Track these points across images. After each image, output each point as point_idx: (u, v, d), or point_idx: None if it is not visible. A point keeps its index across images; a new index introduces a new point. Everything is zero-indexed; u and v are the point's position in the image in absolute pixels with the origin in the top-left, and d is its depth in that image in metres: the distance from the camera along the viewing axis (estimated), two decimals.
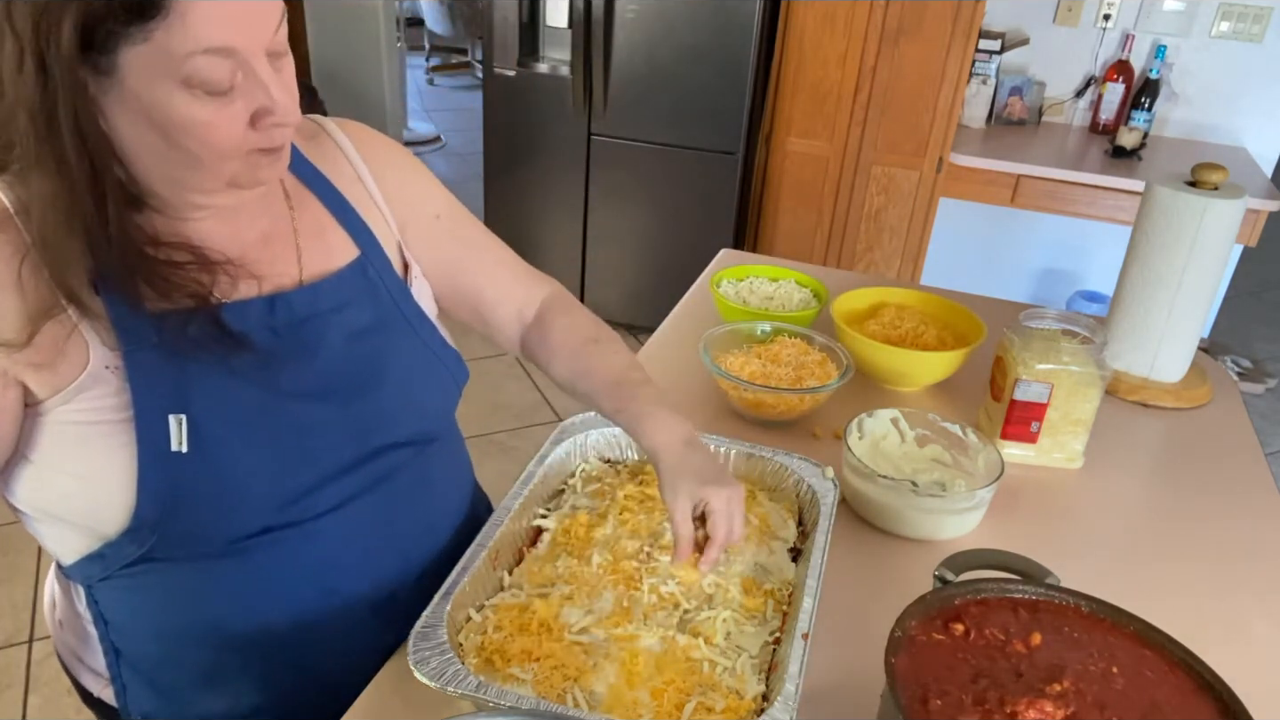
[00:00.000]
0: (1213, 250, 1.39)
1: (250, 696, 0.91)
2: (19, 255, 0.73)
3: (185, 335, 0.77)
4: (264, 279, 0.84)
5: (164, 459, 0.77)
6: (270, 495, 0.82)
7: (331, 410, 0.86)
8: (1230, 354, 3.82)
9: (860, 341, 1.41)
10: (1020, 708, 0.70)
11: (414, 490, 0.95)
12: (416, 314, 0.95)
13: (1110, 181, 2.97)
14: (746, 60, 3.05)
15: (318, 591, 0.89)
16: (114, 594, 0.86)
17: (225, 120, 0.72)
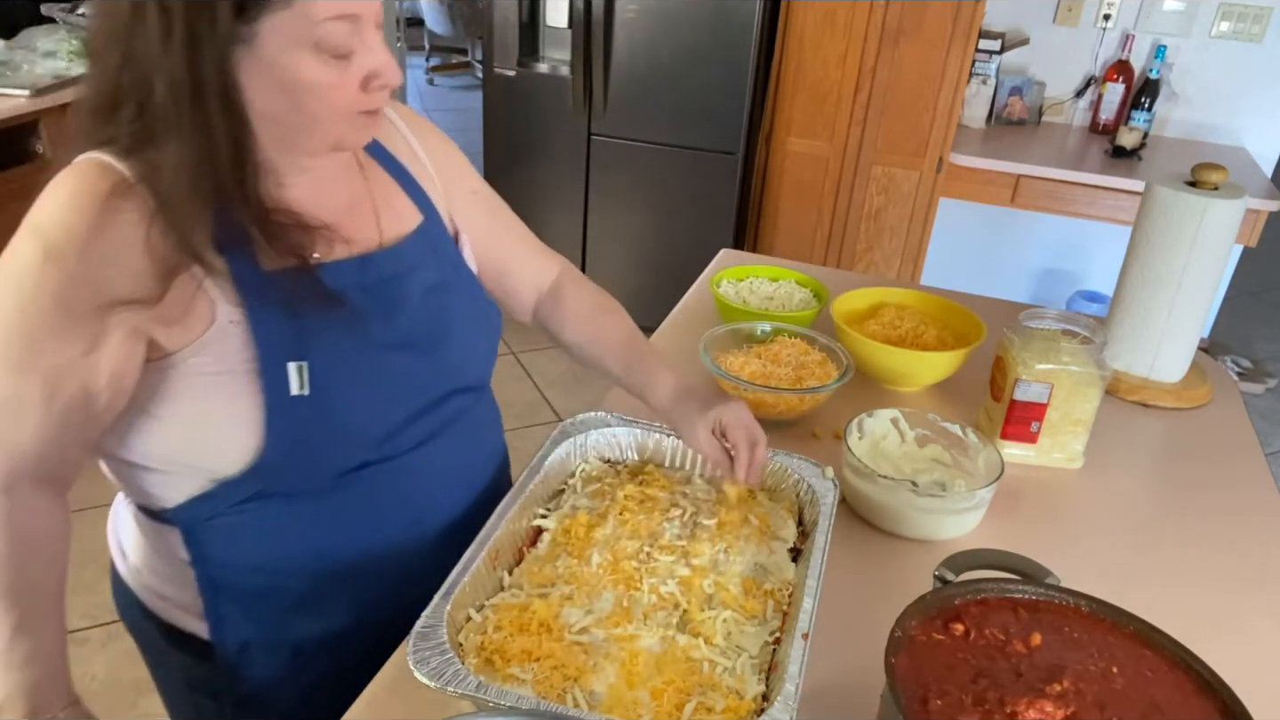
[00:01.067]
0: (1213, 250, 1.39)
1: (342, 618, 0.99)
2: (146, 220, 0.78)
3: (294, 292, 0.85)
4: (353, 241, 0.92)
5: (286, 403, 0.85)
6: (369, 434, 0.92)
7: (413, 359, 0.95)
8: (1230, 354, 3.82)
9: (860, 341, 1.41)
10: (1020, 708, 0.70)
11: (474, 430, 1.06)
12: (468, 273, 1.05)
13: (1110, 181, 2.97)
14: (746, 60, 3.05)
15: (405, 519, 0.98)
16: (216, 532, 0.92)
17: (344, 82, 0.80)
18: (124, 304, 0.79)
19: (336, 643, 0.99)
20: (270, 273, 0.84)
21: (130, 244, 0.78)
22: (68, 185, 0.80)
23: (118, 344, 0.81)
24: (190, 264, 0.80)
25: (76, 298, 0.79)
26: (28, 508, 0.86)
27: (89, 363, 0.80)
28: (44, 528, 0.88)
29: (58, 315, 0.79)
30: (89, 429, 0.85)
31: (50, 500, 0.88)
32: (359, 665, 0.94)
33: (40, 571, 0.88)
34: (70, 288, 0.79)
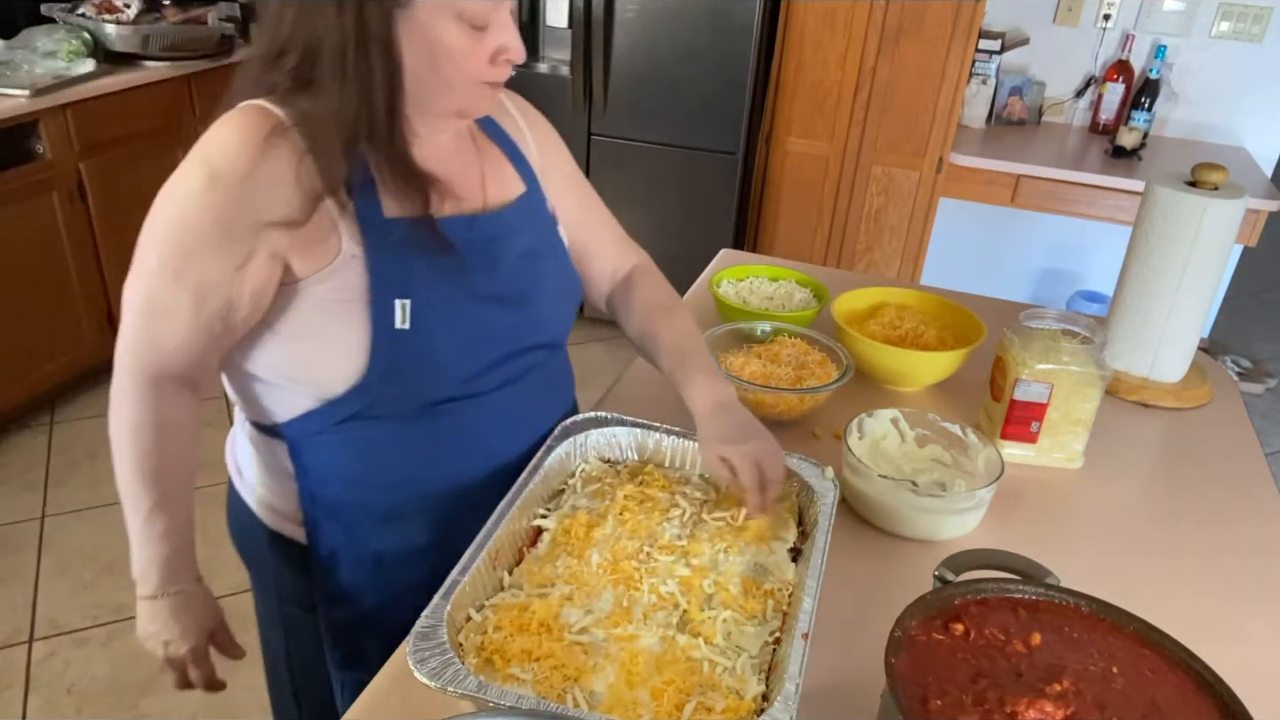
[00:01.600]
0: (1213, 250, 1.39)
1: (419, 536, 1.09)
2: (297, 157, 0.91)
3: (412, 237, 0.96)
4: (463, 201, 1.03)
5: (389, 334, 0.96)
6: (458, 371, 1.02)
7: (504, 311, 1.05)
8: (1230, 354, 3.82)
9: (860, 341, 1.41)
10: (1020, 708, 0.70)
11: (548, 381, 1.15)
12: (560, 243, 1.16)
13: (1110, 181, 2.97)
14: (746, 60, 3.05)
15: (478, 453, 1.08)
16: (318, 448, 1.04)
17: (477, 52, 0.92)
18: (275, 225, 0.91)
19: (412, 557, 1.09)
20: (390, 218, 0.96)
21: (284, 175, 0.91)
22: (234, 123, 0.92)
23: (261, 264, 0.93)
24: (328, 198, 0.92)
25: (234, 220, 0.91)
26: (169, 402, 1.00)
27: (236, 279, 0.92)
28: (182, 420, 1.02)
29: (216, 235, 0.91)
30: (225, 339, 0.97)
31: (187, 399, 1.02)
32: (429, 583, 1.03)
33: (177, 458, 1.02)
34: (229, 210, 0.91)
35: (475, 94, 0.96)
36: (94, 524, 2.60)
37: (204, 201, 0.91)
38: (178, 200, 0.92)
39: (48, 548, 2.51)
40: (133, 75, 3.01)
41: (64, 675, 2.13)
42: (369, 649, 1.10)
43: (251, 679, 2.24)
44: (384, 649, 1.04)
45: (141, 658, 2.17)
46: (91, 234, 2.98)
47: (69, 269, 2.94)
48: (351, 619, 1.12)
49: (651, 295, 1.24)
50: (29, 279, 2.81)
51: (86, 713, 2.04)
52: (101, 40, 3.03)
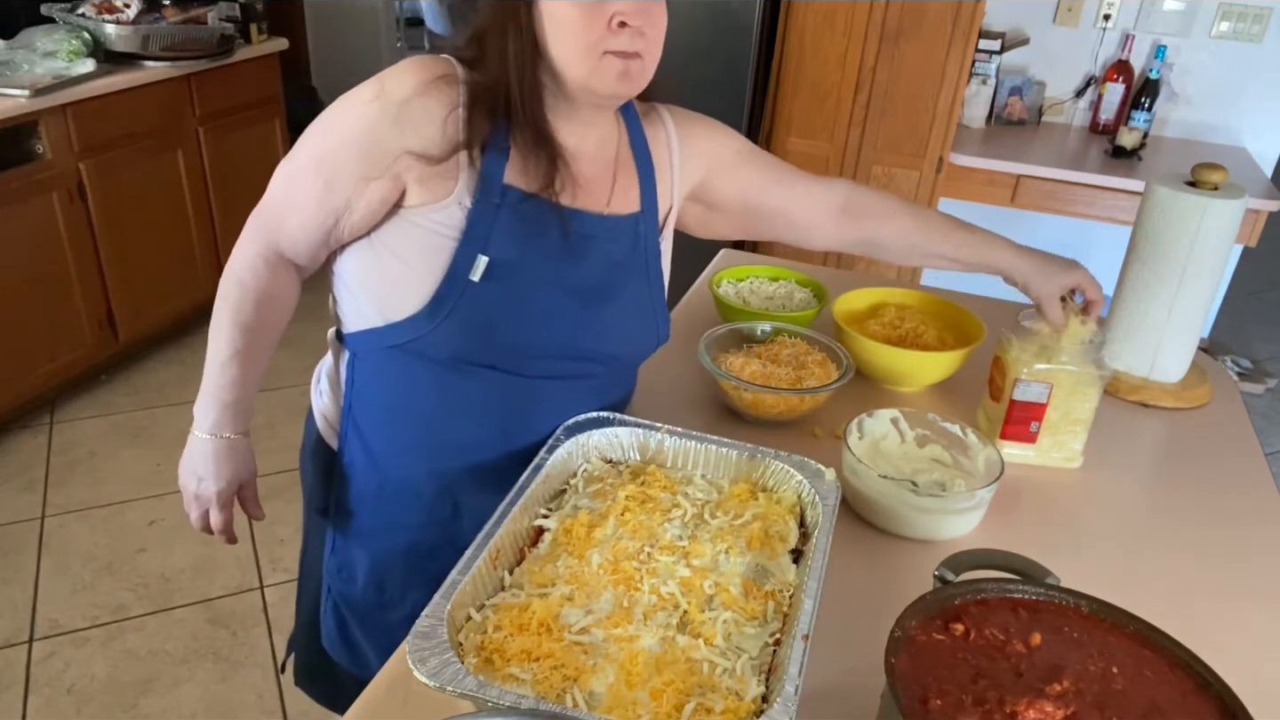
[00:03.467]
0: (1213, 250, 1.39)
1: (423, 482, 1.18)
2: (450, 107, 1.03)
3: (519, 207, 1.05)
4: (579, 197, 1.10)
5: (460, 280, 1.04)
6: (507, 341, 1.08)
7: (569, 305, 1.10)
8: (1230, 354, 3.82)
9: (860, 341, 1.41)
10: (1020, 708, 0.70)
11: (588, 394, 1.18)
12: (656, 270, 1.20)
13: (1110, 181, 2.97)
14: (746, 60, 3.05)
15: (497, 428, 1.14)
16: (370, 366, 1.14)
17: (594, 20, 0.97)
18: (411, 154, 1.02)
19: (411, 496, 1.18)
20: (507, 184, 1.05)
21: (435, 115, 1.02)
22: (417, 59, 1.05)
23: (386, 183, 1.03)
24: (463, 151, 1.03)
25: (381, 136, 1.02)
26: (274, 275, 1.13)
27: (361, 186, 1.03)
28: (280, 295, 1.15)
29: (362, 143, 1.03)
30: (334, 236, 1.08)
31: (291, 278, 1.15)
32: (420, 524, 1.19)
33: (265, 323, 1.15)
34: (380, 127, 1.02)
35: (600, 67, 1.00)
36: (94, 524, 2.60)
37: (363, 112, 1.03)
38: (344, 105, 1.05)
39: (48, 548, 2.51)
40: (133, 75, 3.01)
41: (64, 675, 2.13)
42: (356, 564, 1.24)
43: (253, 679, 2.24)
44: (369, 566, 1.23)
45: (141, 658, 2.18)
46: (91, 234, 2.99)
47: (69, 269, 2.94)
48: (350, 531, 1.23)
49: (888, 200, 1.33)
50: (29, 279, 2.81)
51: (86, 713, 2.04)
52: (101, 40, 3.03)
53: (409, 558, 1.22)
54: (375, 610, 1.26)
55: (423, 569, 1.20)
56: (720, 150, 1.26)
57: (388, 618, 1.25)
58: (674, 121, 1.23)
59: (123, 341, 3.22)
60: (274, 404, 2.88)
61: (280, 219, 1.10)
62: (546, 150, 1.05)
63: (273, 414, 2.88)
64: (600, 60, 0.99)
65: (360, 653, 1.29)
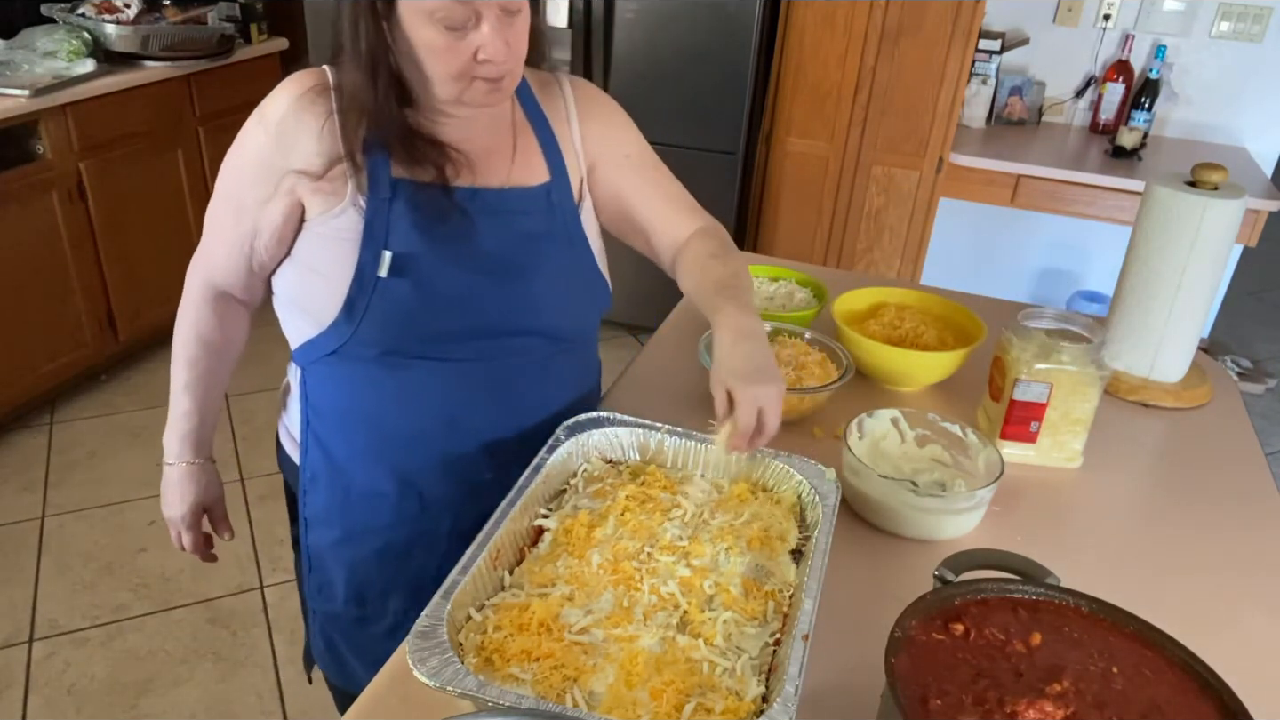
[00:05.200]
0: (1213, 250, 1.39)
1: (383, 481, 1.18)
2: (325, 117, 1.05)
3: (412, 198, 1.07)
4: (478, 176, 1.11)
5: (369, 279, 1.06)
6: (430, 331, 1.10)
7: (487, 283, 1.11)
8: (1230, 354, 3.82)
9: (860, 341, 1.41)
10: (1020, 708, 0.70)
11: (536, 371, 1.18)
12: (579, 238, 1.19)
13: (1110, 181, 2.97)
14: (746, 60, 3.05)
15: (442, 416, 1.15)
16: (316, 377, 1.16)
17: (454, 50, 0.99)
18: (296, 173, 1.05)
19: (376, 499, 1.19)
20: (398, 179, 1.07)
21: (311, 129, 1.05)
22: (294, 76, 1.08)
23: (281, 202, 1.07)
24: (346, 158, 1.05)
25: (268, 159, 1.07)
26: (216, 308, 1.19)
27: (261, 209, 1.08)
28: (228, 327, 1.21)
29: (255, 166, 1.08)
30: (256, 261, 1.13)
31: (235, 310, 1.21)
32: (391, 525, 1.20)
33: (212, 355, 1.21)
34: (265, 149, 1.07)
35: (466, 88, 1.02)
36: (94, 524, 2.60)
37: (250, 139, 1.08)
38: (240, 135, 1.10)
39: (48, 548, 2.51)
40: (133, 75, 3.01)
41: (64, 675, 2.13)
42: (336, 582, 1.24)
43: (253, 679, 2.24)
44: (347, 579, 1.24)
45: (141, 658, 2.18)
46: (91, 234, 2.98)
47: (69, 269, 2.94)
48: (324, 545, 1.24)
49: (704, 248, 1.22)
50: (29, 279, 2.81)
51: (86, 713, 2.04)
52: (101, 40, 3.03)
53: (384, 562, 1.22)
54: (358, 626, 1.26)
55: (400, 572, 1.22)
56: (613, 148, 1.23)
57: (371, 631, 1.26)
58: (575, 96, 1.21)
59: (123, 341, 3.22)
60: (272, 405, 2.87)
61: (210, 254, 1.16)
62: (426, 142, 1.07)
63: (271, 415, 2.88)
64: (470, 84, 1.02)
65: (350, 669, 1.30)
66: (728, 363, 1.02)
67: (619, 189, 1.23)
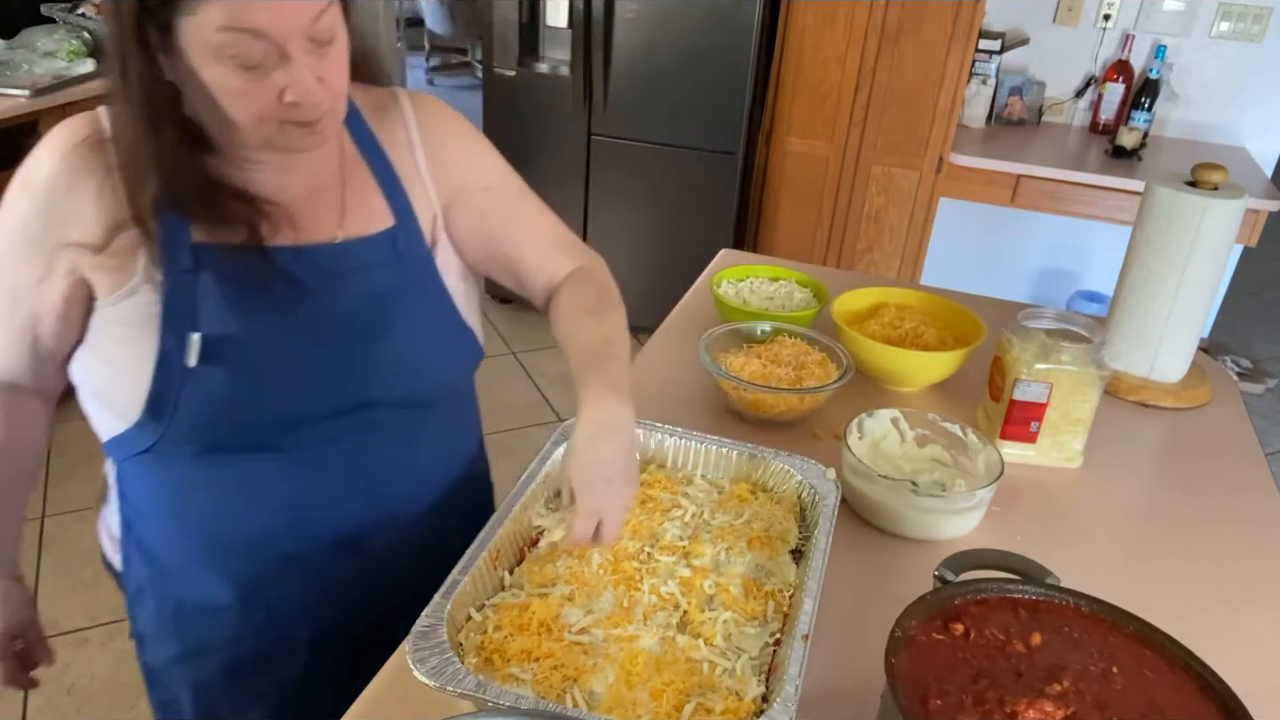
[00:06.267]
0: (1213, 250, 1.39)
1: (220, 592, 1.01)
2: (103, 174, 0.86)
3: (221, 266, 0.88)
4: (301, 230, 0.93)
5: (176, 369, 0.88)
6: (261, 420, 0.93)
7: (331, 356, 0.94)
8: (1230, 354, 3.82)
9: (860, 341, 1.41)
10: (1020, 708, 0.70)
11: (396, 447, 1.02)
12: (436, 287, 1.02)
13: (1110, 181, 2.97)
14: (746, 60, 3.05)
15: (285, 514, 0.98)
16: (132, 475, 0.99)
17: (254, 91, 0.81)
18: (72, 245, 0.87)
19: (215, 612, 1.02)
20: (201, 244, 0.88)
21: (85, 192, 0.86)
22: (60, 126, 0.89)
23: (62, 278, 0.88)
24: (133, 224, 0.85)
25: (38, 229, 0.88)
26: (8, 403, 0.99)
27: (40, 289, 0.89)
28: (17, 426, 1.01)
29: (22, 241, 0.89)
30: (41, 347, 0.94)
31: (33, 409, 1.02)
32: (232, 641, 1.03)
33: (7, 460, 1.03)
34: (34, 219, 0.88)
35: (276, 132, 0.84)
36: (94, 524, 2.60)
37: (14, 209, 0.89)
38: (4, 204, 0.90)
39: (48, 548, 2.51)
40: None
41: (64, 675, 2.12)
42: (181, 700, 1.07)
43: None
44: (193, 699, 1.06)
45: None
46: None
47: None
48: (160, 663, 1.07)
49: (577, 298, 1.07)
50: None
51: (86, 713, 2.04)
52: (102, 40, 3.03)
53: (234, 679, 1.06)
54: None
55: (253, 686, 1.07)
56: (470, 179, 1.05)
57: None
58: (418, 119, 1.03)
59: None
60: None
61: None
62: (232, 197, 0.89)
63: None
64: (279, 127, 0.84)
65: None
66: (580, 461, 0.92)
67: (481, 226, 1.06)
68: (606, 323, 1.05)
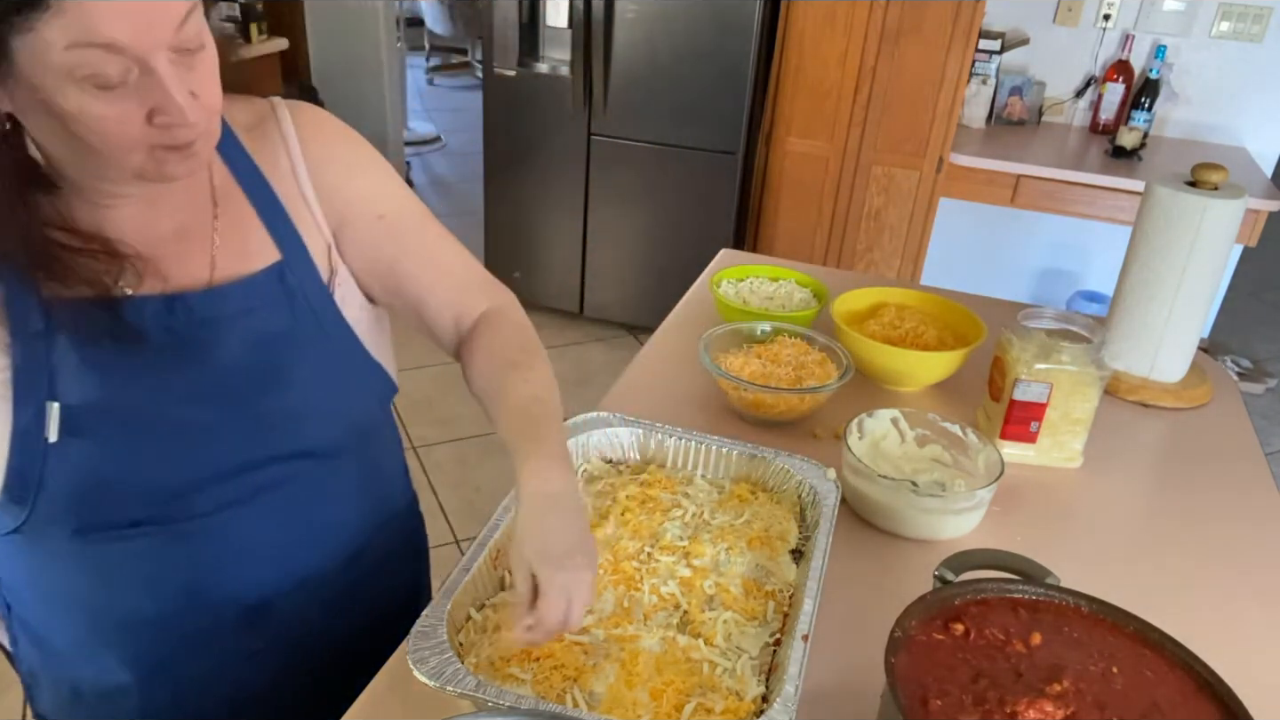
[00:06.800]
0: (1213, 250, 1.39)
1: (118, 672, 0.92)
2: None
3: (77, 325, 0.77)
4: (170, 276, 0.82)
5: (34, 444, 0.78)
6: (142, 492, 0.82)
7: (220, 414, 0.84)
8: (1230, 354, 3.82)
9: (860, 341, 1.41)
10: (1020, 708, 0.70)
11: (304, 503, 0.92)
12: (336, 324, 0.91)
13: (1110, 181, 2.97)
14: (746, 60, 3.05)
15: (180, 589, 0.88)
16: (5, 554, 0.89)
17: (117, 115, 0.69)
18: None
19: (113, 694, 0.93)
20: (51, 300, 0.76)
21: None
22: None
23: None
24: None
25: None
26: None
27: None
28: None
29: None
30: None
31: None
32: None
33: None
34: None
35: (147, 159, 0.73)
36: None
37: None
38: None
39: None
40: None
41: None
42: None
43: None
44: None
45: None
46: None
47: None
48: None
49: (496, 350, 0.96)
50: None
51: None
52: None
53: None
54: None
55: None
56: (362, 206, 0.93)
57: None
58: (299, 134, 0.91)
59: None
60: None
61: None
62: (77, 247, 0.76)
63: None
64: (148, 153, 0.73)
65: None
66: (533, 541, 0.80)
67: (376, 258, 0.94)
68: (534, 378, 0.93)
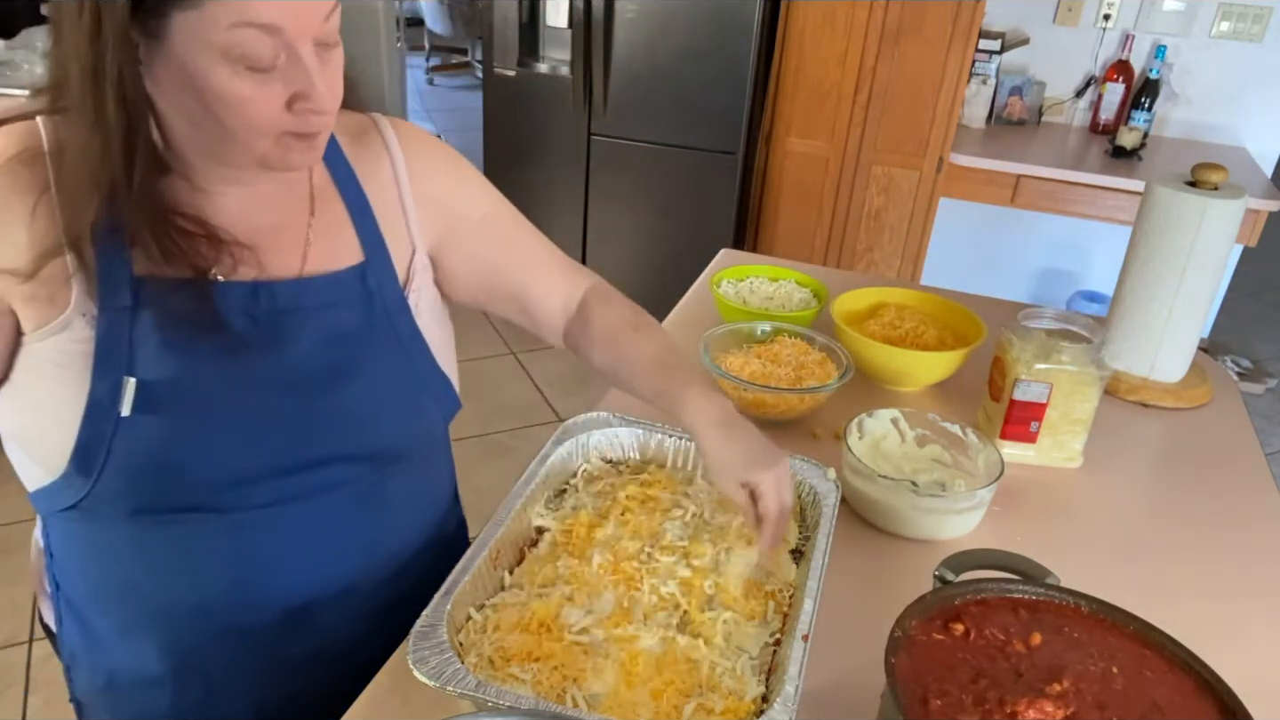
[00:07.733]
0: (1213, 250, 1.39)
1: (154, 662, 0.92)
2: (37, 193, 0.76)
3: (164, 304, 0.79)
4: (264, 265, 0.85)
5: (106, 417, 0.79)
6: (202, 477, 0.83)
7: (287, 405, 0.85)
8: (1230, 354, 3.82)
9: (860, 341, 1.41)
10: (1020, 708, 0.70)
11: (358, 508, 0.93)
12: (409, 330, 0.94)
13: (1110, 181, 2.97)
14: (746, 60, 3.05)
15: (226, 581, 0.89)
16: (60, 531, 0.91)
17: (261, 97, 0.73)
18: None
19: (148, 685, 0.94)
20: (141, 277, 0.78)
21: (17, 213, 0.76)
22: None
23: None
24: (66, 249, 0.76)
25: None
26: None
27: None
28: None
29: None
30: None
31: None
32: (168, 718, 0.94)
33: None
34: None
35: (275, 145, 0.77)
36: None
37: None
38: None
39: None
40: None
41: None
42: None
43: None
44: None
45: None
46: None
47: None
48: None
49: (613, 319, 1.04)
50: None
51: None
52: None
53: None
54: None
55: None
56: (466, 209, 1.00)
57: None
58: (402, 146, 0.96)
59: None
60: None
61: None
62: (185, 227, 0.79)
63: None
64: (276, 140, 0.76)
65: None
66: (733, 458, 0.91)
67: (483, 256, 1.01)
68: (656, 335, 1.03)
